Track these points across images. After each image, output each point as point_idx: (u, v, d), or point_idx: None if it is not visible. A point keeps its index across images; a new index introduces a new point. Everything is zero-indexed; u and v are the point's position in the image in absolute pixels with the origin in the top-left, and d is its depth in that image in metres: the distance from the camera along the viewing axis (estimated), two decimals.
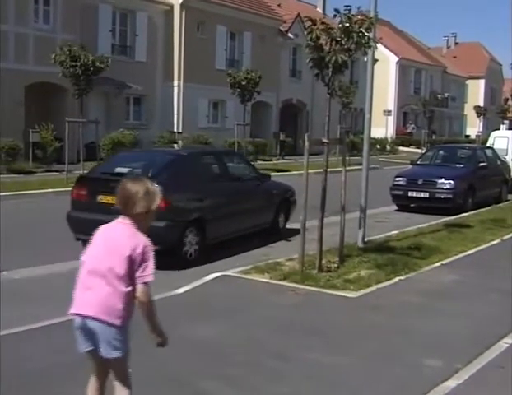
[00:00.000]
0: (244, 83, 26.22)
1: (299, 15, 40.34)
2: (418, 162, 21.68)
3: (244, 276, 9.62)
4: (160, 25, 34.44)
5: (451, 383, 5.81)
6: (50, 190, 18.89)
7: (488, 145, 25.92)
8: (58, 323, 6.86)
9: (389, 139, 53.64)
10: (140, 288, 4.06)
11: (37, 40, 26.80)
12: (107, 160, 16.75)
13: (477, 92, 77.79)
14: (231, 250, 11.64)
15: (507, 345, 6.94)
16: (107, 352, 4.15)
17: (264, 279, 9.43)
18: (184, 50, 34.54)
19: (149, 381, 5.71)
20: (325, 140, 9.90)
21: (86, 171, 19.78)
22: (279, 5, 44.18)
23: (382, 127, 53.89)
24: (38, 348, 6.40)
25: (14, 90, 25.66)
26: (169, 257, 10.00)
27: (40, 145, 24.58)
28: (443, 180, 18.45)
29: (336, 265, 10.13)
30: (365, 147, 12.32)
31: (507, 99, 55.17)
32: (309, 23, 9.48)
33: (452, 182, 18.38)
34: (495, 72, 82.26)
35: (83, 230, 10.17)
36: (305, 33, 9.60)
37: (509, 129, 38.98)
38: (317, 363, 6.22)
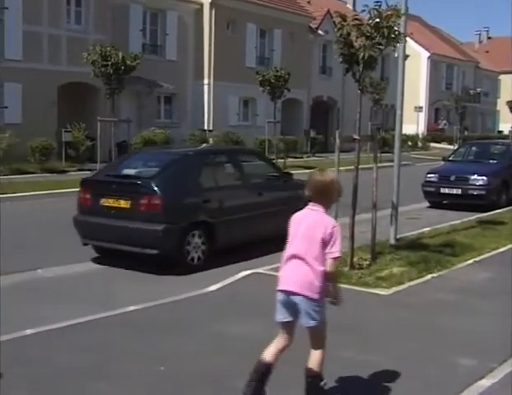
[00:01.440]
0: (273, 81, 26.19)
1: (329, 11, 40.18)
2: (450, 158, 21.48)
3: (275, 273, 9.57)
4: (191, 24, 34.55)
5: (486, 382, 5.74)
6: None
7: None
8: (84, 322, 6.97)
9: (421, 135, 53.24)
10: (329, 262, 4.83)
11: (69, 41, 27.09)
12: (114, 161, 16.60)
13: (510, 87, 76.77)
14: (249, 254, 10.98)
15: None
16: (306, 322, 4.94)
17: None
18: (214, 49, 34.62)
19: (184, 376, 5.74)
20: (356, 137, 9.86)
21: None
22: (309, 2, 44.06)
23: (413, 123, 53.45)
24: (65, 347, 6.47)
25: (47, 90, 25.97)
26: (170, 262, 9.86)
27: (73, 144, 24.81)
28: (476, 176, 18.27)
29: (368, 262, 10.08)
30: (397, 144, 12.23)
31: None
32: (340, 19, 9.44)
33: (485, 178, 18.19)
34: None
35: (90, 235, 10.55)
36: (336, 29, 9.55)
37: None
38: (351, 361, 6.19)
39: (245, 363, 6.10)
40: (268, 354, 5.10)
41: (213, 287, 8.78)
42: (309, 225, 4.92)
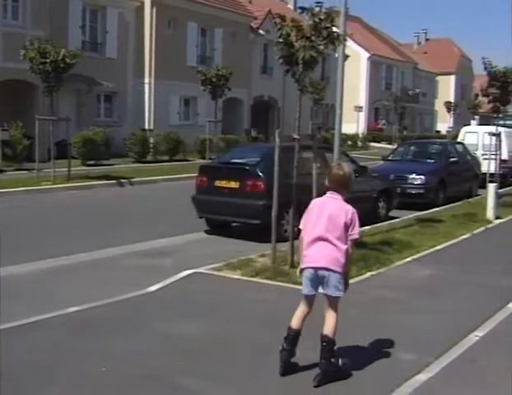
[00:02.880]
0: (214, 80, 26.18)
1: (270, 11, 40.33)
2: (389, 158, 21.83)
3: (216, 272, 9.61)
4: (131, 21, 34.23)
5: (423, 377, 5.85)
6: (22, 189, 18.71)
7: (459, 140, 26.15)
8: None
9: (361, 135, 53.91)
10: (350, 243, 5.70)
11: (6, 36, 26.46)
12: (225, 153, 18.79)
13: (447, 88, 78.49)
14: None
15: (477, 338, 7.01)
16: (333, 292, 5.69)
17: (236, 275, 9.43)
18: (155, 47, 34.40)
19: (127, 376, 5.69)
20: (296, 136, 9.92)
21: (56, 170, 19.71)
22: (250, 1, 44.16)
23: (353, 122, 54.07)
24: None
25: None
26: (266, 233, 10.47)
27: (10, 143, 24.28)
28: (414, 175, 18.60)
29: None
30: (336, 143, 12.35)
31: (477, 95, 55.57)
32: (279, 20, 9.48)
33: (423, 177, 18.54)
34: (466, 68, 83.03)
35: (205, 210, 13.52)
36: (276, 30, 9.59)
37: (479, 125, 39.28)
38: (296, 358, 6.23)
39: (189, 361, 6.11)
40: (294, 322, 5.88)
41: (154, 287, 8.72)
42: (332, 211, 5.71)
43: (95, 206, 17.30)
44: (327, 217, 5.69)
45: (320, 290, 5.82)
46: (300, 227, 5.98)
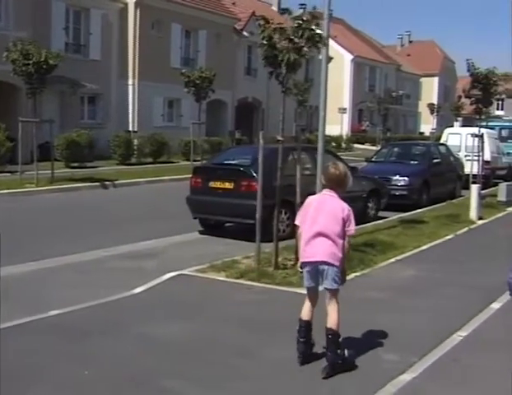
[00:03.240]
0: (198, 82, 26.14)
1: (254, 13, 40.34)
2: (373, 159, 21.91)
3: (200, 274, 9.60)
4: (115, 23, 34.14)
5: (407, 377, 5.89)
6: (5, 191, 18.60)
7: (442, 142, 26.30)
8: None
9: (345, 136, 54.03)
10: (347, 238, 6.00)
11: None
12: (218, 153, 18.77)
13: (430, 90, 78.89)
14: None
15: (461, 337, 7.06)
16: (331, 285, 5.99)
17: (221, 277, 9.44)
18: (139, 49, 34.32)
19: (110, 379, 5.68)
20: (280, 138, 9.94)
21: (39, 172, 19.62)
22: (234, 3, 44.14)
23: (337, 124, 54.25)
24: None
25: None
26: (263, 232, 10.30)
27: None
28: (398, 177, 18.68)
29: (292, 262, 10.15)
30: (320, 145, 12.36)
31: (460, 97, 55.90)
32: (263, 22, 9.49)
33: (407, 178, 18.62)
34: (449, 70, 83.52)
35: (199, 210, 13.67)
36: (259, 32, 9.61)
37: (462, 126, 39.50)
38: (278, 359, 6.24)
39: (173, 364, 6.11)
40: (303, 314, 6.20)
41: (139, 289, 8.71)
42: (330, 208, 5.99)
43: (78, 209, 17.24)
44: (325, 214, 5.98)
45: (320, 288, 6.14)
46: (296, 223, 6.28)
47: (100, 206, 17.99)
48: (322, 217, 5.97)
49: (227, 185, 13.16)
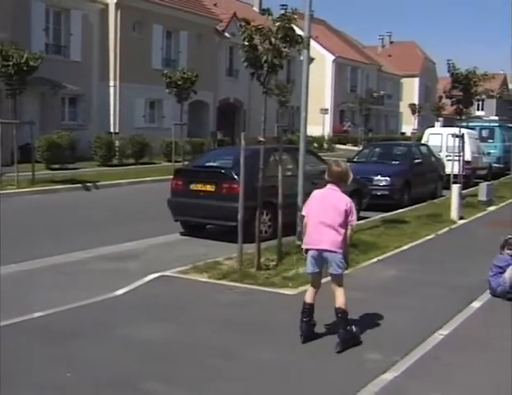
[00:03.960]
0: (180, 83, 26.08)
1: (235, 14, 40.39)
2: (355, 160, 21.95)
3: (182, 276, 9.59)
4: (96, 24, 33.98)
5: (389, 376, 5.91)
6: None
7: (423, 142, 26.44)
8: None
9: (326, 137, 54.13)
10: (350, 228, 6.69)
11: None
12: (199, 155, 19.11)
13: (412, 90, 79.26)
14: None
15: (442, 336, 7.10)
16: (334, 270, 6.66)
17: (203, 278, 9.43)
18: (120, 50, 34.18)
19: (92, 382, 5.66)
20: (261, 138, 9.95)
21: (20, 174, 19.50)
22: (215, 4, 44.11)
23: (319, 125, 54.36)
24: None
25: None
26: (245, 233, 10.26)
27: None
28: (379, 177, 18.74)
29: (274, 263, 10.19)
30: (302, 145, 12.42)
31: (441, 97, 56.17)
32: (244, 23, 9.50)
33: (388, 178, 18.69)
34: (430, 71, 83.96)
35: (181, 213, 13.58)
36: (240, 33, 9.61)
37: (443, 126, 39.71)
38: (260, 360, 6.25)
39: (155, 366, 6.09)
40: (307, 297, 6.89)
41: (121, 291, 8.69)
42: (334, 201, 6.65)
43: (60, 211, 17.15)
44: (329, 206, 6.64)
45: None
46: (303, 213, 6.99)
47: (81, 207, 17.91)
48: (326, 209, 6.64)
49: (208, 187, 13.12)
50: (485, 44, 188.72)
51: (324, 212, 6.64)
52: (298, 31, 9.81)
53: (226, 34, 41.80)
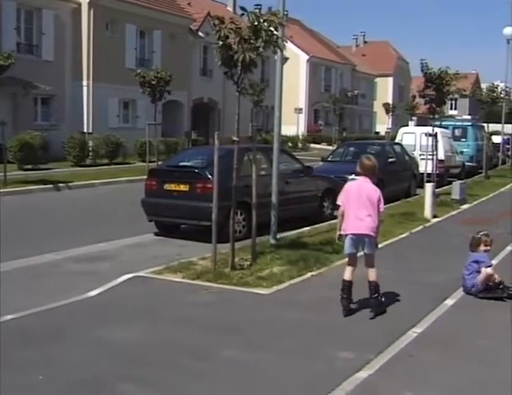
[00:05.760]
0: (154, 82, 25.96)
1: (209, 13, 40.17)
2: (329, 159, 22.02)
3: (156, 276, 9.54)
4: (68, 23, 33.70)
5: (363, 374, 5.92)
6: None
7: (397, 141, 26.57)
8: None
9: (301, 136, 54.24)
10: (380, 214, 7.84)
11: None
12: (173, 155, 19.16)
13: (385, 90, 79.72)
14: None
15: (416, 334, 7.13)
16: (369, 251, 7.83)
17: (177, 278, 9.39)
18: (93, 49, 33.93)
19: (65, 384, 5.60)
20: (235, 138, 9.93)
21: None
22: (189, 3, 44.00)
23: (293, 124, 54.50)
24: None
25: None
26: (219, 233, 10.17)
27: None
28: (353, 176, 18.70)
29: (248, 263, 10.17)
30: (276, 145, 12.42)
31: (414, 97, 56.57)
32: (218, 22, 9.46)
33: None
34: (403, 70, 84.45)
35: (155, 213, 13.57)
36: (214, 32, 9.57)
37: (416, 126, 39.97)
38: (234, 361, 6.23)
39: (129, 367, 6.04)
40: (346, 275, 7.85)
41: (94, 292, 8.61)
42: (368, 191, 7.75)
43: (31, 212, 17.00)
44: (365, 196, 7.70)
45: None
46: (338, 203, 7.97)
47: (53, 208, 17.76)
48: (362, 199, 7.69)
49: (182, 187, 13.08)
50: (458, 44, 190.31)
51: (361, 202, 7.67)
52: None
53: (200, 34, 41.70)
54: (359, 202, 7.70)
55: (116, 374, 5.87)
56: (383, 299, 7.97)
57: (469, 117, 69.47)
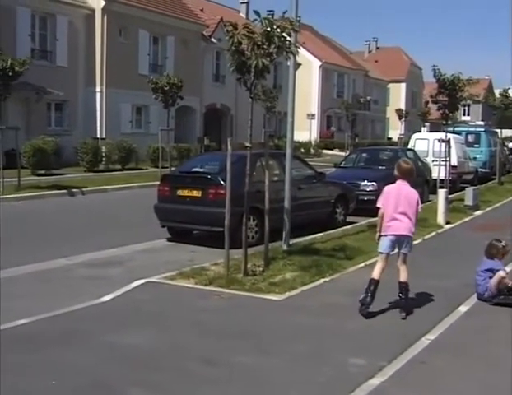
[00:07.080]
0: (166, 88, 26.02)
1: (222, 19, 40.30)
2: (342, 165, 21.98)
3: (169, 281, 9.55)
4: (82, 29, 33.89)
5: (376, 381, 5.90)
6: None
7: (409, 147, 26.51)
8: None
9: (313, 142, 54.21)
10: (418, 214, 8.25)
11: None
12: (186, 161, 19.08)
13: (398, 95, 79.56)
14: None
15: (429, 341, 7.10)
16: (407, 251, 8.12)
17: (189, 284, 9.39)
18: (106, 55, 34.09)
19: (77, 389, 5.61)
20: (248, 144, 9.93)
21: (5, 180, 19.40)
22: (202, 10, 44.12)
23: (306, 130, 54.50)
24: None
25: None
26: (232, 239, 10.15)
27: None
28: (366, 182, 18.76)
29: (261, 269, 10.16)
30: (288, 151, 12.41)
31: (427, 102, 56.47)
32: (231, 28, 9.47)
33: (375, 183, 18.68)
34: (416, 76, 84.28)
35: (167, 219, 13.57)
36: (227, 38, 9.58)
37: (429, 131, 39.86)
38: (245, 366, 6.22)
39: (141, 372, 6.05)
40: (375, 274, 8.09)
41: (107, 297, 8.63)
42: (407, 194, 8.06)
43: (45, 217, 17.07)
44: (404, 199, 8.01)
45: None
46: (379, 205, 8.17)
47: (66, 213, 17.83)
48: (402, 201, 7.99)
49: (195, 193, 13.09)
50: (470, 49, 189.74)
51: (401, 204, 7.97)
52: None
53: (213, 40, 41.79)
54: (398, 204, 7.99)
55: (127, 378, 5.88)
56: (409, 300, 8.25)
57: (482, 123, 69.20)
